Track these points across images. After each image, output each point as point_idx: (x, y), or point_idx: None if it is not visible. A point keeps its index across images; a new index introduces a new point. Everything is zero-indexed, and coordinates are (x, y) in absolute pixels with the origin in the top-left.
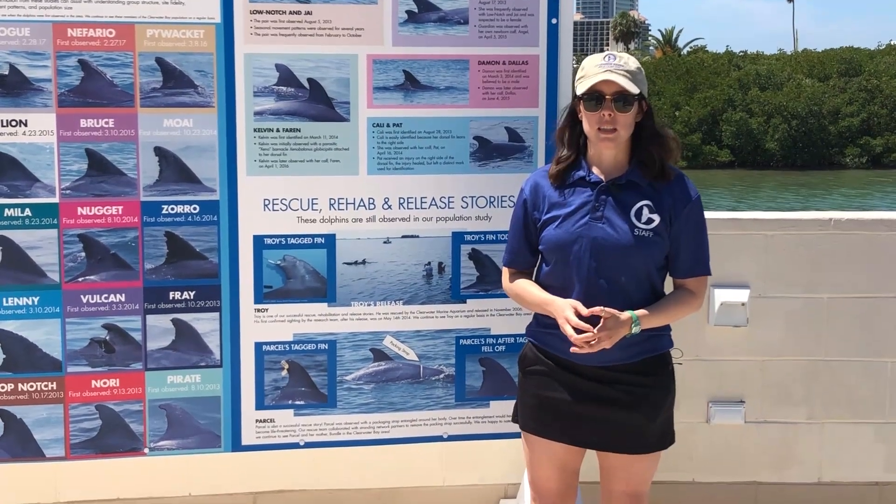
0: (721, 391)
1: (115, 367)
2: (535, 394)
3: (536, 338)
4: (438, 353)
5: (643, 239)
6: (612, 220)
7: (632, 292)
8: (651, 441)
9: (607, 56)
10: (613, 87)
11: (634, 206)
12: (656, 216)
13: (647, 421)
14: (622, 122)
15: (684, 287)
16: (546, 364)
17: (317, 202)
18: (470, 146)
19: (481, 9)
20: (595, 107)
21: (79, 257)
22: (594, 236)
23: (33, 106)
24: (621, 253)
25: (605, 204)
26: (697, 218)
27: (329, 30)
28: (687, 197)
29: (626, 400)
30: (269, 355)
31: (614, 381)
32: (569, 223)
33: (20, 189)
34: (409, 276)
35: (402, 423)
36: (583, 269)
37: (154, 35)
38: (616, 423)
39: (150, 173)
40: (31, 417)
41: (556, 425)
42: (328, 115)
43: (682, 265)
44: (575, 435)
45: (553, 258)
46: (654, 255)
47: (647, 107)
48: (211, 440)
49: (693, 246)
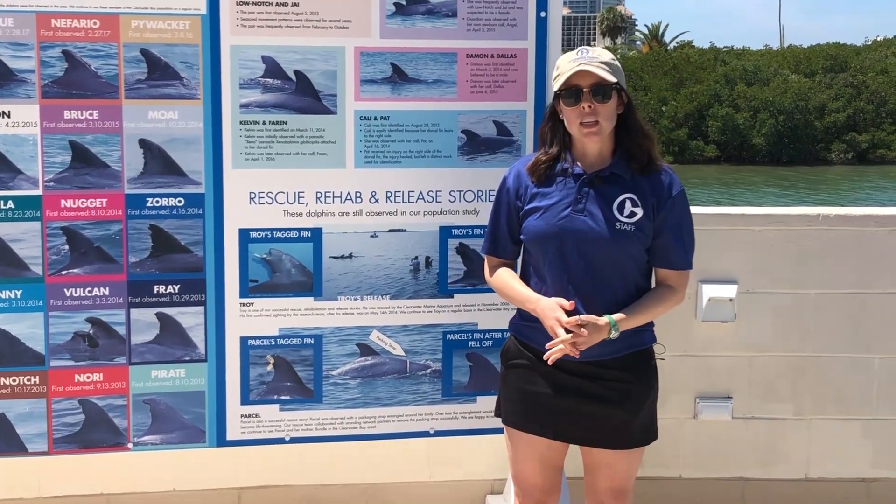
0: (708, 387)
1: (99, 362)
2: (517, 387)
3: (519, 331)
4: (425, 348)
5: (624, 232)
6: (593, 213)
7: (613, 286)
8: (634, 436)
9: (580, 51)
10: (590, 79)
11: (617, 199)
12: (639, 209)
13: (630, 416)
14: (603, 114)
15: (666, 282)
16: (528, 358)
17: (303, 195)
18: (458, 140)
19: (470, 1)
20: (574, 102)
21: (62, 250)
22: (576, 228)
23: (16, 97)
24: (603, 246)
25: (588, 196)
26: (681, 212)
27: (316, 21)
28: (671, 190)
29: (609, 395)
30: (254, 350)
31: (597, 376)
32: (550, 214)
33: (3, 181)
34: (396, 271)
35: (388, 419)
36: (564, 261)
37: (139, 26)
38: (599, 418)
39: (135, 166)
40: (13, 412)
41: (537, 420)
42: (315, 107)
43: (664, 259)
44: (557, 430)
45: (535, 249)
46: (636, 248)
47: (628, 98)
48: (195, 435)
49: (676, 240)
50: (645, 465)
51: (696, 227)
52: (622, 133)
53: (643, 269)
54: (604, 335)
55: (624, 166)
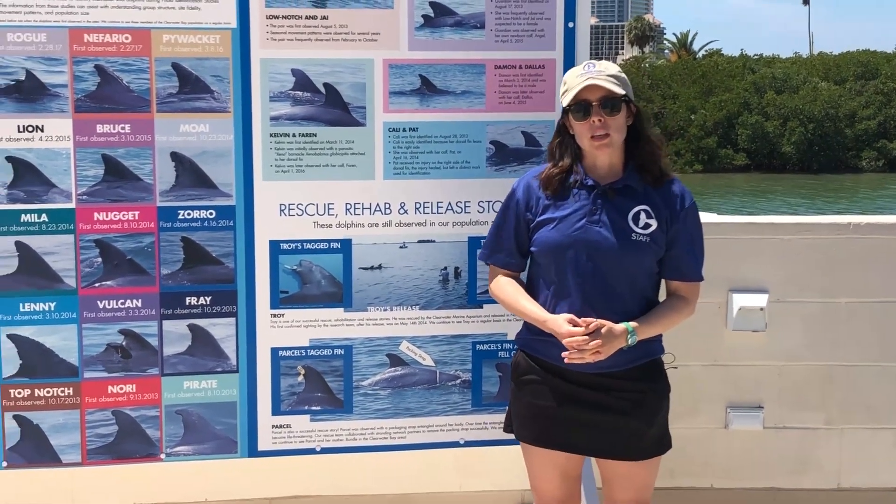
0: (739, 396)
1: (132, 373)
2: (529, 403)
3: (527, 345)
4: (455, 359)
5: (640, 244)
6: (608, 224)
7: (626, 298)
8: (649, 447)
9: (586, 65)
10: (598, 92)
11: (632, 211)
12: (654, 221)
13: (644, 426)
14: (613, 126)
15: (677, 293)
16: (538, 372)
17: (333, 207)
18: (486, 150)
19: (498, 13)
20: (584, 116)
21: (95, 262)
22: (591, 240)
23: (50, 111)
24: (618, 257)
25: (602, 208)
26: (693, 223)
27: (345, 34)
28: (683, 202)
29: (622, 406)
30: (285, 360)
31: (608, 387)
32: (565, 225)
33: (37, 194)
34: (425, 281)
35: (418, 429)
36: (578, 272)
37: (170, 40)
38: (612, 429)
39: (167, 178)
40: (47, 423)
41: (551, 433)
42: (344, 119)
43: (677, 271)
44: (570, 443)
45: (547, 261)
46: (650, 260)
47: (637, 109)
48: (227, 446)
49: (688, 252)
50: (676, 475)
51: (728, 237)
52: (633, 144)
53: (653, 282)
54: (621, 343)
55: (636, 178)
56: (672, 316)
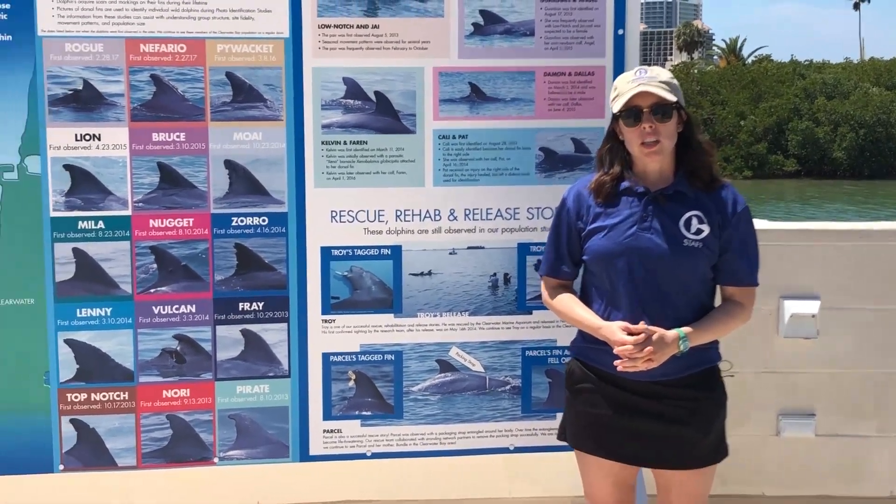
0: (791, 404)
1: (186, 377)
2: (583, 411)
3: (582, 353)
4: (504, 365)
5: (692, 250)
6: (660, 231)
7: (680, 304)
8: (705, 455)
9: (638, 71)
10: (649, 99)
11: (683, 217)
12: (706, 226)
13: (701, 435)
14: (664, 133)
15: (732, 299)
16: (592, 380)
17: (383, 214)
18: (536, 157)
19: (547, 20)
20: (634, 122)
21: (150, 269)
22: (643, 247)
23: (106, 120)
24: (670, 264)
25: (653, 214)
26: (746, 227)
27: (396, 43)
28: (735, 207)
29: (677, 414)
30: (336, 366)
31: (664, 395)
32: (616, 233)
33: (94, 202)
34: (474, 288)
35: (468, 435)
36: (630, 280)
37: (224, 50)
38: (668, 438)
39: (221, 186)
40: (103, 427)
41: (606, 442)
42: (395, 127)
43: (732, 277)
44: (625, 452)
45: (598, 269)
46: (703, 266)
47: (687, 116)
48: (279, 450)
49: (742, 257)
50: (727, 482)
51: (779, 243)
52: (683, 151)
53: (708, 288)
54: (673, 350)
55: (687, 184)
56: (726, 321)
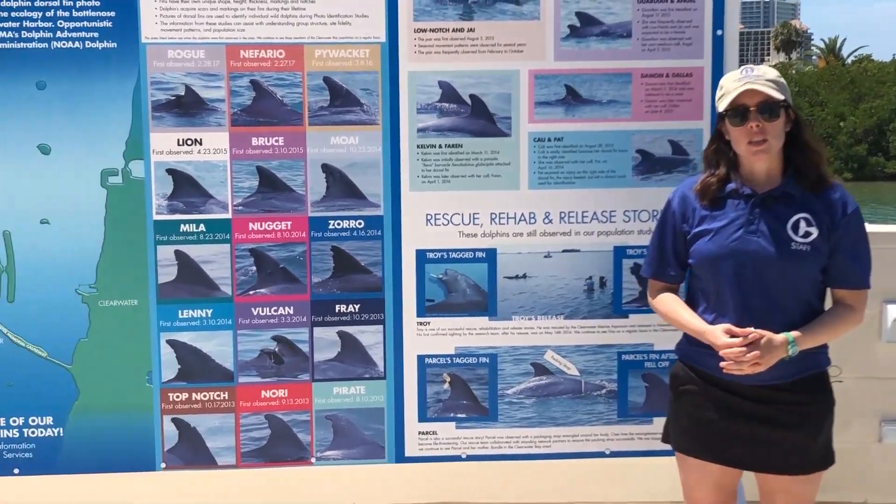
0: (894, 410)
1: (284, 378)
2: (688, 414)
3: (687, 356)
4: (600, 369)
5: (800, 253)
6: (767, 234)
7: (789, 308)
8: (813, 461)
9: (744, 69)
10: (757, 98)
11: (791, 219)
12: (814, 229)
13: (810, 440)
14: (772, 132)
15: (843, 302)
16: (698, 383)
17: (478, 217)
18: (632, 160)
19: (644, 22)
20: (741, 121)
21: (250, 271)
22: (749, 250)
23: (207, 125)
24: (778, 267)
25: (760, 217)
26: (857, 229)
27: (491, 46)
28: (845, 208)
29: (786, 419)
30: (431, 368)
31: (772, 400)
32: (722, 236)
33: (195, 206)
34: (569, 291)
35: (563, 438)
36: (737, 284)
37: (322, 55)
38: (777, 443)
39: (318, 189)
40: (204, 426)
41: (710, 446)
42: (490, 130)
43: (842, 279)
44: (730, 456)
45: (704, 272)
46: (812, 269)
47: (795, 115)
48: (375, 451)
49: (853, 259)
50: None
51: (880, 246)
52: (791, 151)
53: (818, 291)
54: (781, 354)
55: (795, 185)
56: (836, 325)
